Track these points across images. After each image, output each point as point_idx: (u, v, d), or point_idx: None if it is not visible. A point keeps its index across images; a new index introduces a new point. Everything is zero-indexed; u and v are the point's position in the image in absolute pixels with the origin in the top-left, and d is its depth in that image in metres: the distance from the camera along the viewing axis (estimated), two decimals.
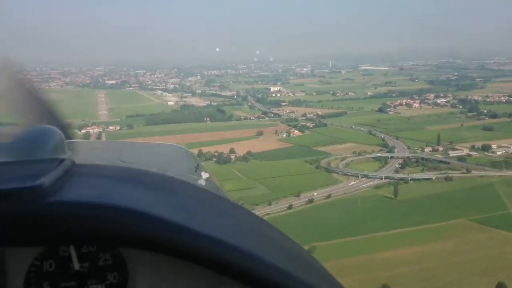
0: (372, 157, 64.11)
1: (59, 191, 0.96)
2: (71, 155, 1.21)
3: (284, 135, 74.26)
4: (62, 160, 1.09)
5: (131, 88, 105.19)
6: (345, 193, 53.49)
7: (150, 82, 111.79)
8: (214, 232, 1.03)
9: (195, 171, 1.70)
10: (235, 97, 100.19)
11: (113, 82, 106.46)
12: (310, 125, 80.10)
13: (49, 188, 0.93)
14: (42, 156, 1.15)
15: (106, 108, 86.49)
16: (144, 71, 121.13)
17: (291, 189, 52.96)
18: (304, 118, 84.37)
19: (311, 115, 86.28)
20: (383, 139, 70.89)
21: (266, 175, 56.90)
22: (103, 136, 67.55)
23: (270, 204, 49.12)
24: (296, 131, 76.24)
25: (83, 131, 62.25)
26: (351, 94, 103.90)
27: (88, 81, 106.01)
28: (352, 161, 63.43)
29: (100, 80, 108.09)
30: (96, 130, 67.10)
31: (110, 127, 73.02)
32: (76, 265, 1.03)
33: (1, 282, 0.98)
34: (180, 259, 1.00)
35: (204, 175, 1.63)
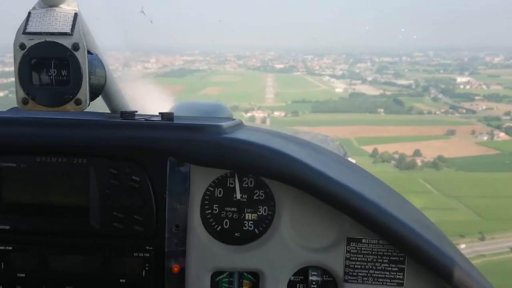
0: None
1: (232, 132, 1.27)
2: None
3: (485, 138, 54.20)
4: (233, 120, 1.47)
5: (298, 73, 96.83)
6: None
7: (317, 67, 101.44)
8: (346, 182, 1.21)
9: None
10: (413, 86, 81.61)
11: (282, 66, 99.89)
12: None
13: (226, 129, 1.25)
14: (220, 116, 1.63)
15: (272, 92, 79.58)
16: (312, 56, 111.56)
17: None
18: (508, 117, 61.60)
19: None
20: None
21: (467, 191, 39.86)
22: (268, 121, 60.12)
23: (482, 238, 32.84)
24: (502, 133, 55.19)
25: (249, 114, 55.49)
26: None
27: (258, 65, 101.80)
28: None
29: (270, 64, 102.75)
30: (261, 115, 59.71)
31: (275, 113, 64.97)
32: (238, 195, 1.29)
33: (185, 198, 1.26)
34: (317, 203, 1.21)
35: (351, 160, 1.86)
